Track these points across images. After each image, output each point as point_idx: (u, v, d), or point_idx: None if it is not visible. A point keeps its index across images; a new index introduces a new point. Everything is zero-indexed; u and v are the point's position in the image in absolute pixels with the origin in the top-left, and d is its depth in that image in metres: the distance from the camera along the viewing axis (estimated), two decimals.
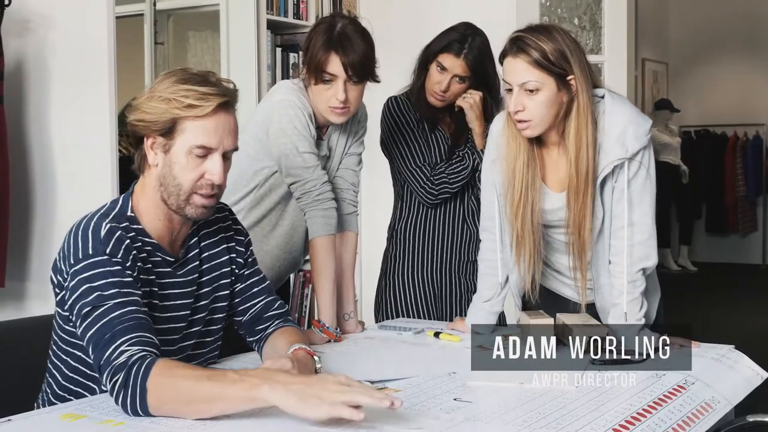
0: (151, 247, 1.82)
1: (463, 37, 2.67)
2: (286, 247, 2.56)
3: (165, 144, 1.78)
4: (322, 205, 2.37)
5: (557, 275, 2.33)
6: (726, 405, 1.84)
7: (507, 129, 2.20)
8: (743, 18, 10.18)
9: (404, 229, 2.84)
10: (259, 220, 2.51)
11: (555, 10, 4.46)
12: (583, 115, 2.11)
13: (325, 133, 2.49)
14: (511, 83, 2.11)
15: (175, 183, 1.79)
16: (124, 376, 1.58)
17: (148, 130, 1.78)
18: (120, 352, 1.61)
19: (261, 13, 4.10)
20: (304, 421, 1.52)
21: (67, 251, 1.75)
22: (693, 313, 7.17)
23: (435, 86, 2.70)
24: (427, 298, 2.82)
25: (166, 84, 1.77)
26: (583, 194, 2.13)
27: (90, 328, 1.67)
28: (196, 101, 1.74)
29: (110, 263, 1.71)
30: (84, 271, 1.70)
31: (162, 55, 4.51)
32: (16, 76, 3.48)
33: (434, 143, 2.80)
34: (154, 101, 1.76)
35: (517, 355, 2.12)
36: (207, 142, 1.76)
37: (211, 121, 1.76)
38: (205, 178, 1.79)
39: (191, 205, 1.80)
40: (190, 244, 1.92)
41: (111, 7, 3.35)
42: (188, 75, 1.78)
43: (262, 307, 2.04)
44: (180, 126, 1.76)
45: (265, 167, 2.44)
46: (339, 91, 2.33)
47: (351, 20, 2.38)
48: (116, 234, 1.74)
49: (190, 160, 1.77)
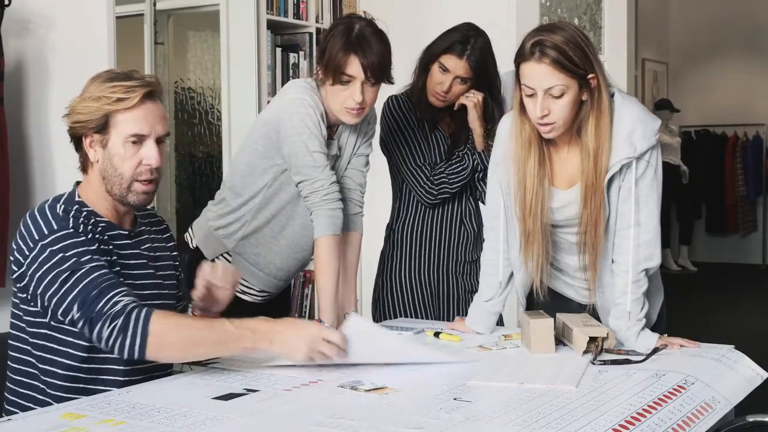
0: (105, 224, 1.94)
1: (466, 38, 2.67)
2: (296, 247, 2.56)
3: (102, 139, 1.91)
4: (329, 205, 2.38)
5: (560, 275, 2.33)
6: (726, 405, 1.84)
7: (515, 131, 2.18)
8: (743, 18, 10.18)
9: (402, 229, 2.84)
10: (269, 220, 2.51)
11: (555, 10, 4.45)
12: (604, 113, 2.10)
13: (335, 133, 2.49)
14: (535, 88, 2.06)
15: (116, 173, 1.91)
16: (123, 321, 1.74)
17: (85, 129, 1.92)
18: (114, 303, 1.76)
19: (261, 13, 4.10)
20: (306, 420, 1.53)
21: (27, 231, 1.86)
22: (693, 313, 7.17)
23: (437, 87, 2.70)
24: (425, 298, 2.82)
25: (95, 85, 1.92)
26: (600, 191, 2.12)
27: (73, 288, 1.79)
28: (123, 94, 1.88)
29: (77, 235, 1.84)
30: (54, 244, 1.83)
31: (162, 55, 4.51)
32: (16, 76, 3.49)
33: (434, 143, 2.80)
34: (85, 102, 1.91)
35: (517, 354, 2.12)
36: (139, 130, 1.90)
37: (140, 111, 1.90)
38: (143, 164, 1.92)
39: (133, 192, 1.93)
40: (138, 226, 2.05)
41: (111, 7, 3.35)
42: (113, 74, 1.94)
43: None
44: (112, 120, 1.90)
45: (275, 165, 2.44)
46: (356, 93, 2.34)
47: (368, 22, 2.39)
48: (71, 213, 1.88)
49: (126, 150, 1.90)
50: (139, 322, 1.74)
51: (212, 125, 4.51)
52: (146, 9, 4.39)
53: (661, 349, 2.08)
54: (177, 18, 4.65)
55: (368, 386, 1.80)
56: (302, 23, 4.35)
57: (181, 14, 4.66)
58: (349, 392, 1.76)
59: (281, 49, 4.26)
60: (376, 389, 1.78)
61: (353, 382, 1.83)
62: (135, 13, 4.43)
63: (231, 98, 4.23)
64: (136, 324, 1.74)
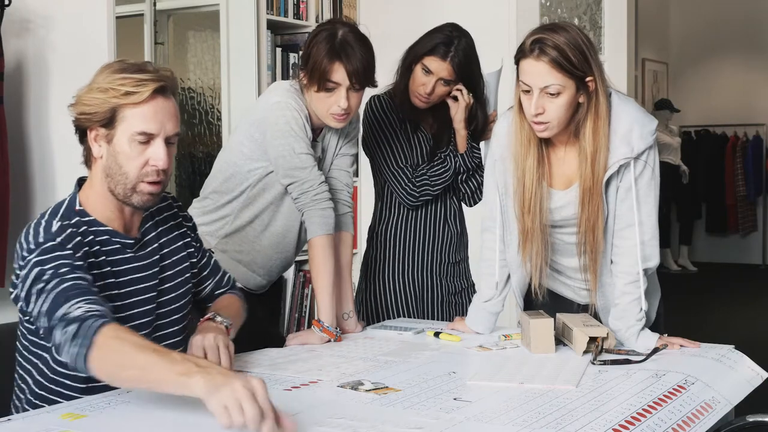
0: (106, 235, 1.84)
1: (449, 40, 2.63)
2: (278, 248, 2.57)
3: (107, 134, 1.79)
4: (320, 205, 2.38)
5: (557, 275, 2.33)
6: (726, 405, 1.84)
7: (514, 128, 2.18)
8: (743, 18, 10.19)
9: (385, 231, 2.81)
10: (251, 220, 2.52)
11: (555, 10, 4.46)
12: (601, 117, 2.09)
13: (319, 135, 2.50)
14: (532, 86, 2.07)
15: (121, 172, 1.80)
16: (76, 327, 1.60)
17: (90, 122, 1.80)
18: (76, 308, 1.63)
19: (261, 13, 4.10)
20: (306, 420, 1.53)
21: (20, 249, 1.77)
22: (693, 313, 7.18)
23: (420, 88, 2.67)
24: (408, 301, 2.80)
25: (103, 75, 1.79)
26: (597, 194, 2.12)
27: (45, 301, 1.68)
28: (132, 88, 1.76)
29: (61, 248, 1.73)
30: (37, 257, 1.72)
31: (162, 55, 4.51)
32: (16, 76, 3.48)
33: (416, 144, 2.78)
34: (92, 93, 1.78)
35: (517, 354, 2.12)
36: (147, 128, 1.78)
37: (149, 107, 1.77)
38: (150, 165, 1.80)
39: (138, 193, 1.82)
40: (146, 227, 1.94)
41: (111, 7, 3.35)
42: (125, 65, 1.81)
43: (213, 285, 2.13)
44: (120, 114, 1.77)
45: (260, 167, 2.45)
46: (342, 99, 2.34)
47: (351, 27, 2.39)
48: (67, 231, 1.76)
49: (133, 148, 1.78)
50: (88, 331, 1.59)
51: (212, 125, 4.50)
52: (146, 9, 4.38)
53: (661, 349, 2.08)
54: (177, 18, 4.65)
55: (368, 386, 1.80)
56: (302, 23, 4.35)
57: (181, 14, 4.66)
58: (349, 392, 1.76)
59: (281, 49, 4.26)
60: (376, 389, 1.78)
61: (353, 382, 1.83)
62: (135, 13, 4.43)
63: (231, 98, 4.23)
64: (86, 331, 1.59)
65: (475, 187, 2.82)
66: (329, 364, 2.02)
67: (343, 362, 2.05)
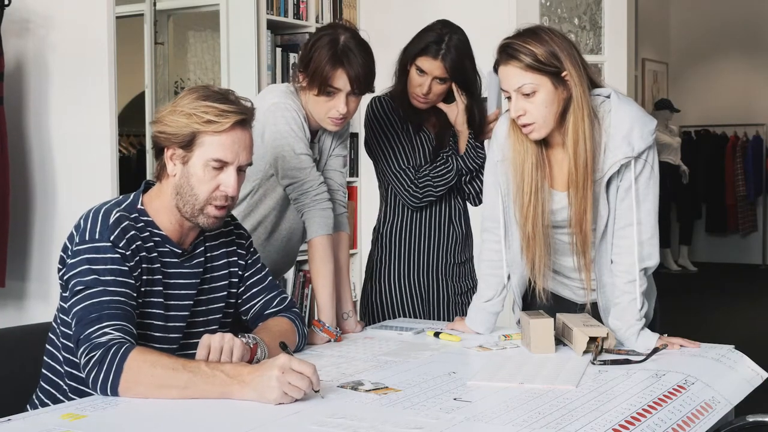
0: (159, 238, 1.92)
1: (440, 38, 2.62)
2: (283, 251, 2.59)
3: (184, 156, 1.88)
4: (320, 205, 2.39)
5: (556, 276, 2.33)
6: (726, 405, 1.84)
7: (513, 132, 2.19)
8: (743, 18, 10.19)
9: (389, 232, 2.81)
10: (254, 228, 2.51)
11: (555, 10, 4.46)
12: (579, 109, 2.11)
13: (316, 137, 2.50)
14: (509, 89, 2.12)
15: (192, 193, 1.89)
16: (101, 354, 1.70)
17: (169, 142, 1.89)
18: (103, 333, 1.73)
19: (261, 13, 4.10)
20: (306, 420, 1.53)
21: (76, 230, 1.86)
22: (693, 313, 7.18)
23: (416, 89, 2.65)
24: (414, 301, 2.80)
25: (188, 99, 1.88)
26: (582, 188, 2.12)
27: (79, 303, 1.78)
28: (215, 117, 1.85)
29: (112, 250, 1.81)
30: (87, 253, 1.81)
31: (162, 55, 4.51)
32: (16, 76, 3.49)
33: (419, 145, 2.77)
34: (176, 115, 1.87)
35: (517, 354, 2.12)
36: (223, 156, 1.87)
37: (228, 137, 1.86)
38: (220, 190, 1.89)
39: (204, 215, 1.90)
40: (197, 241, 2.00)
41: (111, 7, 3.35)
42: (209, 92, 1.90)
43: (261, 305, 2.13)
44: (199, 140, 1.86)
45: (258, 171, 2.44)
46: (341, 104, 2.35)
47: (353, 33, 2.39)
48: (123, 224, 1.85)
49: (206, 173, 1.87)
50: (116, 358, 1.69)
51: None
52: (146, 9, 4.38)
53: (661, 349, 2.08)
54: (177, 18, 4.65)
55: (368, 386, 1.80)
56: (302, 23, 4.35)
57: (181, 14, 4.66)
58: (349, 392, 1.76)
59: (281, 49, 4.26)
60: (376, 389, 1.78)
61: (353, 382, 1.83)
62: (135, 13, 4.43)
63: None
64: (113, 359, 1.69)
65: (480, 187, 2.82)
66: (329, 364, 2.02)
67: (343, 362, 2.05)
